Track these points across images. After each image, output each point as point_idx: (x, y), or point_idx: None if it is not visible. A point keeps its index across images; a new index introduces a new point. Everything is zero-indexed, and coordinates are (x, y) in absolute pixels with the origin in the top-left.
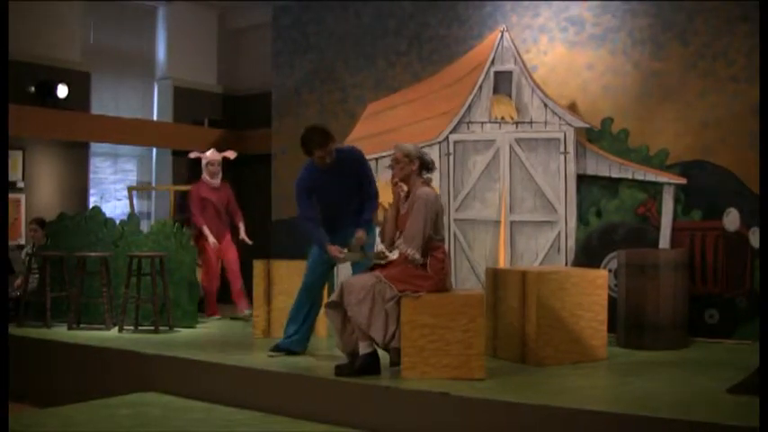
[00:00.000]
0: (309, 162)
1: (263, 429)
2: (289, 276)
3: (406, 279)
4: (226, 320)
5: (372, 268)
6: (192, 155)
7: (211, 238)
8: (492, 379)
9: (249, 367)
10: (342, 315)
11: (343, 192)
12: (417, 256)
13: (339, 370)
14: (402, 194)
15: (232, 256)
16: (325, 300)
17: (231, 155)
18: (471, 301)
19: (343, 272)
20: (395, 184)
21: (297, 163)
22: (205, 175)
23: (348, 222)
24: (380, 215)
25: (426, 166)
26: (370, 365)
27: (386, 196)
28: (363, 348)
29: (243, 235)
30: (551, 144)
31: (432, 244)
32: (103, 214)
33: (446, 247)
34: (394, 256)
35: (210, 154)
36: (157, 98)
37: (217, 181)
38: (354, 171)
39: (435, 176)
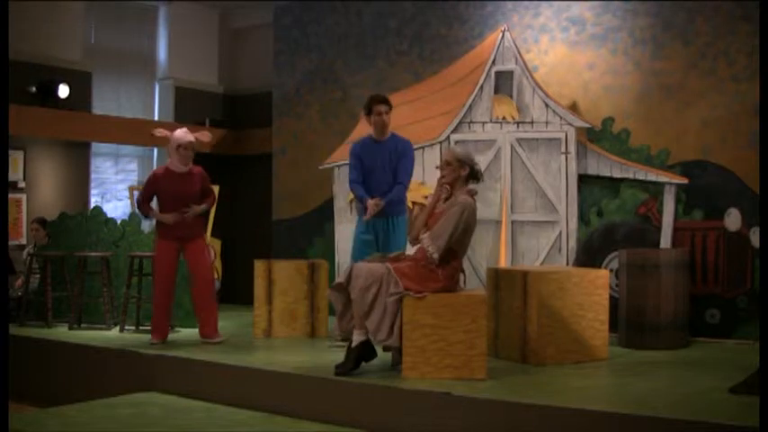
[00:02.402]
0: (365, 136)
1: (264, 429)
2: (289, 276)
3: (415, 277)
4: (228, 320)
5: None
6: (158, 132)
7: (167, 217)
8: (493, 379)
9: (250, 367)
10: (345, 298)
11: (382, 167)
12: (436, 255)
13: (339, 369)
14: (443, 196)
15: (202, 263)
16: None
17: (206, 137)
18: (473, 302)
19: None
20: (441, 185)
21: (297, 163)
22: (173, 161)
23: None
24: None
25: (475, 175)
26: (364, 353)
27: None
28: (357, 336)
29: (194, 208)
30: (552, 144)
31: (452, 252)
32: (104, 214)
33: (463, 264)
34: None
35: (181, 134)
36: (158, 98)
37: (186, 168)
38: (400, 156)
39: (437, 176)
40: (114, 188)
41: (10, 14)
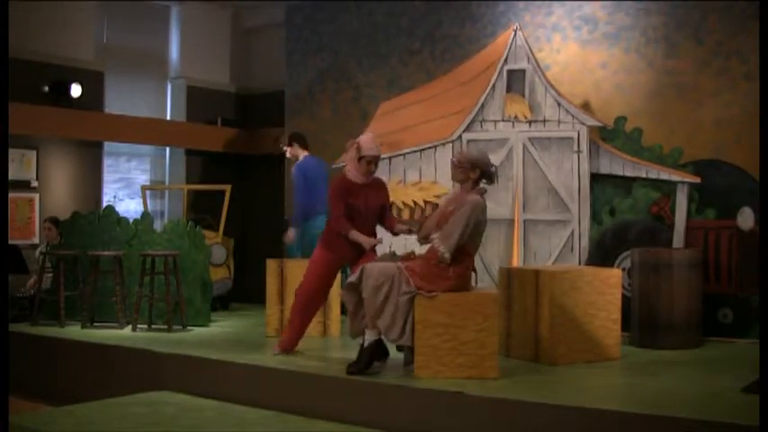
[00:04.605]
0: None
1: (276, 428)
2: (301, 275)
3: (426, 276)
4: (240, 319)
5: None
6: (349, 145)
7: (370, 241)
8: (505, 378)
9: (262, 366)
10: (357, 298)
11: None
12: (447, 255)
13: (351, 368)
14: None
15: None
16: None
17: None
18: (485, 301)
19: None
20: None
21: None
22: (353, 171)
23: None
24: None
25: (489, 177)
26: (376, 352)
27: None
28: (370, 335)
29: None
30: (565, 143)
31: (463, 250)
32: (117, 213)
33: (474, 262)
34: (422, 250)
35: (369, 144)
36: (171, 97)
37: (367, 180)
38: None
39: (449, 175)
40: (126, 187)
41: (23, 14)
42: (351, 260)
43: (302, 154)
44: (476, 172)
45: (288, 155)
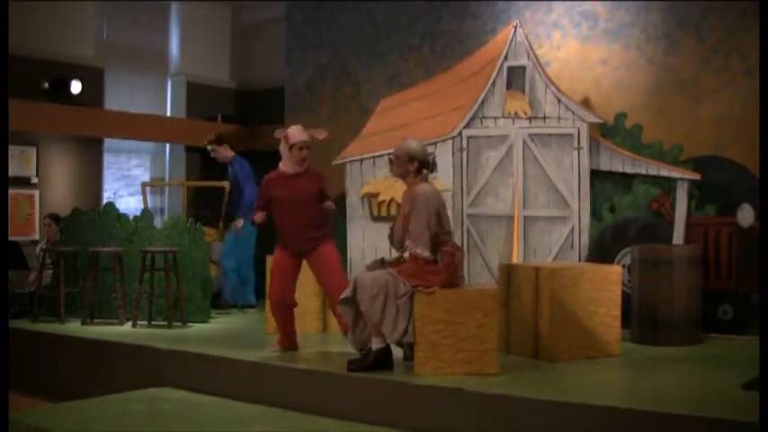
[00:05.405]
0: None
1: (276, 424)
2: (301, 272)
3: (419, 275)
4: (240, 316)
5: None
6: (277, 134)
7: (257, 216)
8: (505, 374)
9: (262, 362)
10: (354, 311)
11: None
12: (427, 253)
13: (352, 365)
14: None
15: (330, 274)
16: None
17: (321, 134)
18: (484, 297)
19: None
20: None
21: (309, 158)
22: (287, 162)
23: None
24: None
25: (426, 165)
26: (382, 360)
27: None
28: (376, 344)
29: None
30: (565, 139)
31: (440, 239)
32: (117, 210)
33: (455, 239)
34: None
35: (295, 132)
36: (171, 94)
37: (301, 168)
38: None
39: (449, 172)
40: (126, 183)
41: (23, 12)
42: (302, 253)
43: (230, 155)
44: (414, 163)
45: (212, 154)
